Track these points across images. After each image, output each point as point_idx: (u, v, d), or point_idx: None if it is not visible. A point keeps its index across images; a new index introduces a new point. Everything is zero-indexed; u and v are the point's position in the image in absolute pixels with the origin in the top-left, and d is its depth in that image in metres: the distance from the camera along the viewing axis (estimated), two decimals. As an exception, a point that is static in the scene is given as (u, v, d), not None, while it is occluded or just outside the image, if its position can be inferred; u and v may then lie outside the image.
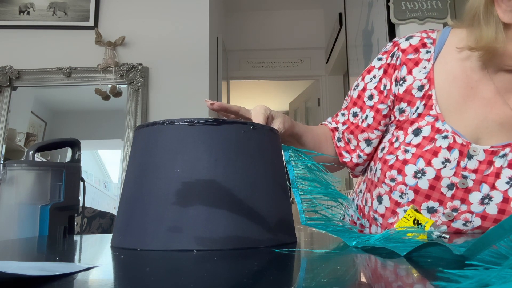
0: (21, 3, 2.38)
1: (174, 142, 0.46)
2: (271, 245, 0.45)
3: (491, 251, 0.29)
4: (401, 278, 0.28)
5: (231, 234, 0.43)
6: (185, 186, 0.44)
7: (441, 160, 0.67)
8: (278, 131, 0.54)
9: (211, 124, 0.46)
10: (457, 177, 0.66)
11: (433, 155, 0.68)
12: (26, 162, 0.71)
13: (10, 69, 2.25)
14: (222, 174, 0.44)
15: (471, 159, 0.66)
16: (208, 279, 0.28)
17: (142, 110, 2.23)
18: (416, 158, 0.69)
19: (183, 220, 0.43)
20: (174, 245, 0.42)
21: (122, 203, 0.49)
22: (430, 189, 0.68)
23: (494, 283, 0.19)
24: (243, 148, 0.47)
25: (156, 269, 0.31)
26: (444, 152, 0.67)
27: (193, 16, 2.38)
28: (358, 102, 0.80)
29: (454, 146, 0.67)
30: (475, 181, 0.66)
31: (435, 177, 0.67)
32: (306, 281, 0.27)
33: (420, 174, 0.68)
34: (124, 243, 0.46)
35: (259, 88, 5.29)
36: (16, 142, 2.32)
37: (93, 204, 1.84)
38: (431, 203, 0.68)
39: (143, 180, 0.47)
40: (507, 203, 0.64)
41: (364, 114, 0.79)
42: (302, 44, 4.07)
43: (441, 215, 0.68)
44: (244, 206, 0.44)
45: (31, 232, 0.69)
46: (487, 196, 0.65)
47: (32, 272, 0.26)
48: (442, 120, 0.69)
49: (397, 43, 0.77)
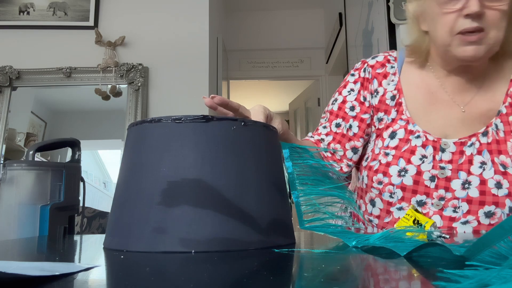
0: (21, 3, 2.38)
1: (161, 140, 0.45)
2: (262, 247, 0.43)
3: (491, 251, 0.29)
4: (401, 278, 0.28)
5: (217, 236, 0.41)
6: (170, 185, 0.42)
7: (419, 157, 0.75)
8: (275, 129, 0.53)
9: (199, 121, 0.44)
10: (435, 169, 0.74)
11: (411, 153, 0.76)
12: (26, 162, 0.71)
13: (10, 69, 2.25)
14: (209, 173, 0.43)
15: (444, 152, 0.75)
16: (185, 284, 0.27)
17: (142, 110, 2.23)
18: (397, 159, 0.77)
19: (168, 221, 0.41)
20: (158, 247, 0.41)
21: (113, 204, 0.48)
22: (415, 184, 0.75)
23: (494, 283, 0.19)
24: (233, 145, 0.45)
25: (135, 272, 0.31)
26: (420, 150, 0.76)
27: (193, 16, 2.38)
28: (340, 114, 0.87)
29: (427, 143, 0.76)
30: (453, 170, 0.73)
31: (417, 173, 0.75)
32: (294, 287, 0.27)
33: (403, 172, 0.76)
34: (112, 244, 0.45)
35: (259, 88, 5.29)
36: (16, 142, 2.32)
37: (93, 204, 1.84)
38: (419, 197, 0.75)
39: (131, 180, 0.46)
40: (485, 184, 0.71)
41: (347, 124, 0.86)
42: (302, 44, 4.07)
43: (430, 206, 0.74)
44: (232, 206, 0.42)
45: (31, 232, 0.69)
46: (466, 181, 0.72)
47: (32, 272, 0.26)
48: (412, 122, 0.79)
49: (365, 61, 0.89)
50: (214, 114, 0.50)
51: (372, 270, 0.32)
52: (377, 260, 0.35)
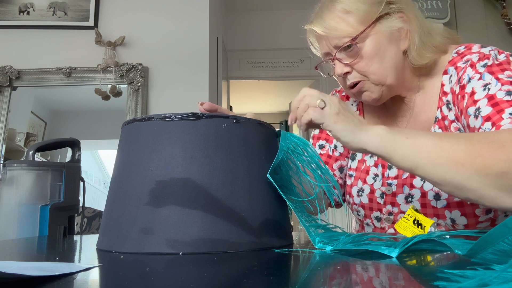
0: (21, 3, 2.37)
1: (150, 139, 0.44)
2: (253, 249, 0.42)
3: (494, 248, 0.29)
4: (402, 278, 0.28)
5: (205, 237, 0.40)
6: (159, 185, 0.41)
7: (372, 176, 0.80)
8: (271, 126, 0.53)
9: (189, 119, 0.43)
10: (384, 186, 0.78)
11: (366, 173, 0.81)
12: (26, 162, 0.71)
13: (10, 69, 2.25)
14: (198, 172, 0.41)
15: (391, 168, 0.78)
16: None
17: (142, 110, 2.23)
18: (356, 180, 0.83)
19: (155, 221, 0.40)
20: (145, 248, 0.40)
21: (105, 204, 0.48)
22: (370, 202, 0.80)
23: (494, 283, 0.19)
24: (223, 143, 0.43)
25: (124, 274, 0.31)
26: (373, 169, 0.81)
27: (193, 16, 2.38)
28: (322, 136, 0.92)
29: (378, 162, 0.80)
30: (398, 185, 0.76)
31: (371, 191, 0.79)
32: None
33: (361, 192, 0.81)
34: (102, 244, 0.45)
35: (259, 88, 5.28)
36: (16, 142, 2.32)
37: (93, 204, 1.84)
38: (375, 213, 0.79)
39: (121, 179, 0.45)
40: (425, 196, 0.72)
41: (332, 144, 0.90)
42: (302, 44, 4.03)
43: (385, 221, 0.78)
44: (221, 206, 0.41)
45: (31, 232, 0.69)
46: (409, 195, 0.74)
47: (32, 272, 0.26)
48: None
49: (335, 89, 0.96)
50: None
51: (372, 271, 0.32)
52: (377, 260, 0.35)
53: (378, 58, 0.72)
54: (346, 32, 0.71)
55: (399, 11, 0.73)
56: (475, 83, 0.65)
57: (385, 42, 0.72)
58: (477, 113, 0.63)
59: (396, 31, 0.73)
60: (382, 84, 0.73)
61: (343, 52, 0.73)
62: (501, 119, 0.59)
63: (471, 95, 0.65)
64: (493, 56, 0.67)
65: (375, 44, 0.71)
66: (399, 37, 0.74)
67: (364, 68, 0.72)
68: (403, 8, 0.74)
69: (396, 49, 0.73)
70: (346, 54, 0.73)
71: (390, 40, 0.73)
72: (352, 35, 0.71)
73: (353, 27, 0.71)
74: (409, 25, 0.73)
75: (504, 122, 0.58)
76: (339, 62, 0.74)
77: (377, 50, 0.72)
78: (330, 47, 0.75)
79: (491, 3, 3.17)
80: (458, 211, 0.68)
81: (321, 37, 0.77)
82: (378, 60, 0.72)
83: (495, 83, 0.63)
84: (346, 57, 0.73)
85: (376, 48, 0.71)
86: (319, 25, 0.76)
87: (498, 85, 0.62)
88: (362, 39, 0.71)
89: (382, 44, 0.72)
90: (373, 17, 0.71)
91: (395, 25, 0.73)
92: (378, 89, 0.74)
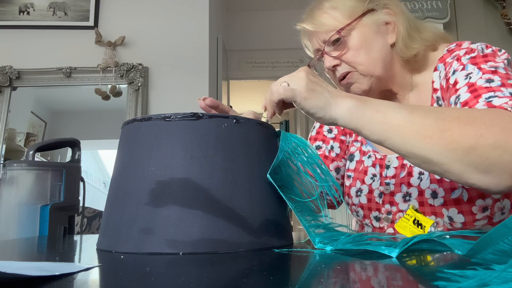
0: (21, 3, 2.37)
1: (150, 139, 0.44)
2: (253, 249, 0.42)
3: (494, 248, 0.29)
4: (402, 278, 0.28)
5: (205, 237, 0.40)
6: (159, 185, 0.41)
7: (370, 176, 0.80)
8: (271, 126, 0.53)
9: (189, 119, 0.43)
10: (382, 185, 0.78)
11: (364, 174, 0.81)
12: (26, 162, 0.71)
13: (10, 69, 2.25)
14: (198, 172, 0.41)
15: (389, 168, 0.78)
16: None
17: (142, 110, 2.23)
18: (355, 180, 0.83)
19: (155, 221, 0.40)
20: (145, 248, 0.40)
21: (105, 204, 0.48)
22: (368, 202, 0.80)
23: (494, 283, 0.19)
24: (223, 143, 0.43)
25: (123, 274, 0.31)
26: (371, 169, 0.81)
27: (193, 16, 2.38)
28: (319, 137, 0.93)
29: (376, 162, 0.81)
30: (396, 184, 0.76)
31: (369, 191, 0.79)
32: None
33: (359, 192, 0.81)
34: (102, 244, 0.45)
35: (259, 88, 5.28)
36: (16, 142, 2.32)
37: (93, 204, 1.84)
38: (374, 213, 0.79)
39: (121, 179, 0.45)
40: (423, 195, 0.72)
41: (328, 145, 0.91)
42: (302, 44, 4.06)
43: (384, 221, 0.78)
44: (221, 207, 0.41)
45: (31, 232, 0.69)
46: (407, 193, 0.74)
47: (32, 272, 0.26)
48: (365, 143, 0.85)
49: None
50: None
51: (372, 271, 0.32)
52: (377, 260, 0.35)
53: (365, 49, 0.74)
54: (333, 26, 0.74)
55: (385, 7, 0.76)
56: (458, 74, 0.66)
57: (371, 35, 0.75)
58: (456, 101, 0.63)
59: (383, 25, 0.76)
60: (370, 75, 0.75)
61: (332, 46, 0.76)
62: (476, 103, 0.59)
63: (454, 85, 0.66)
64: (479, 50, 0.68)
65: (361, 35, 0.74)
66: (386, 31, 0.76)
67: (352, 59, 0.74)
68: (388, 4, 0.77)
69: (384, 41, 0.76)
70: (334, 47, 0.76)
71: (376, 33, 0.75)
72: (339, 28, 0.74)
73: (340, 21, 0.74)
74: (395, 18, 0.76)
75: (478, 106, 0.58)
76: (328, 56, 0.77)
77: (364, 41, 0.74)
78: (320, 43, 0.78)
79: (491, 3, 3.17)
80: (455, 209, 0.68)
81: (311, 34, 0.80)
82: (365, 51, 0.74)
83: (476, 72, 0.63)
84: (334, 50, 0.76)
85: (363, 39, 0.74)
86: (308, 22, 0.79)
87: (479, 74, 0.63)
88: (348, 31, 0.74)
89: (369, 36, 0.74)
90: (359, 12, 0.74)
91: (381, 18, 0.75)
92: (367, 81, 0.75)
